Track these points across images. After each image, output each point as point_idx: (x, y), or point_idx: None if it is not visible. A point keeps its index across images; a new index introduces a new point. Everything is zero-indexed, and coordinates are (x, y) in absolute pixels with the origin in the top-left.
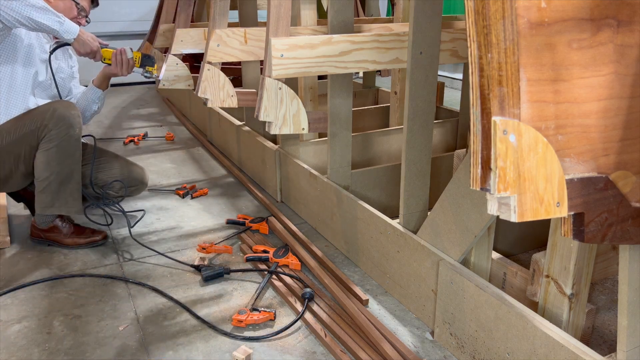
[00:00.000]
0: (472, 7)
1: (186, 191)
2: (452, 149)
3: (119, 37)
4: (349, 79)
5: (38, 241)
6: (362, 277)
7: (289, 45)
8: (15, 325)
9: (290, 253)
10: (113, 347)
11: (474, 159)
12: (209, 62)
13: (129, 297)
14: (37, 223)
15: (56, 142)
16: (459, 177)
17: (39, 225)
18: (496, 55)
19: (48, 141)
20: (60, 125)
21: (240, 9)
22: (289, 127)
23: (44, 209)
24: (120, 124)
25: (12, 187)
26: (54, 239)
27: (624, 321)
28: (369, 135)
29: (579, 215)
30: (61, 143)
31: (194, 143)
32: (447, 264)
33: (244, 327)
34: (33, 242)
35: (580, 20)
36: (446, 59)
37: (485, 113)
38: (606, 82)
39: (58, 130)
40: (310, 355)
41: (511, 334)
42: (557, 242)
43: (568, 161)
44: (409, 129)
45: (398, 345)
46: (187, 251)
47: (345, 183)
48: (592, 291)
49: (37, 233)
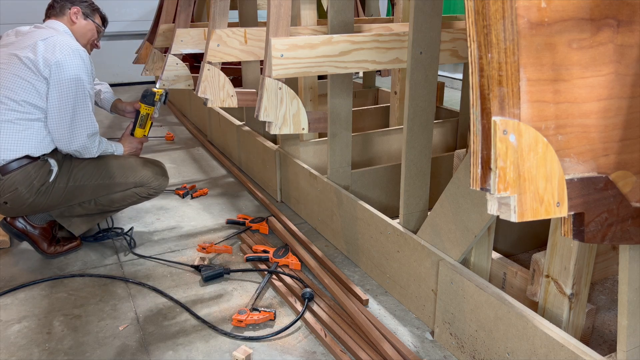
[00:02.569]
0: (472, 7)
1: (186, 191)
2: (452, 149)
3: (119, 37)
4: (349, 79)
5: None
6: (362, 277)
7: (289, 45)
8: (15, 325)
9: (290, 253)
10: (113, 347)
11: (474, 159)
12: (209, 62)
13: (129, 297)
14: (32, 220)
15: (145, 195)
16: (459, 177)
17: (33, 221)
18: (496, 55)
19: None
20: (158, 189)
21: (240, 9)
22: (289, 127)
23: (80, 229)
24: (120, 124)
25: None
26: (35, 239)
27: (624, 321)
28: (369, 135)
29: (579, 215)
30: (144, 198)
31: (194, 143)
32: (447, 264)
33: (244, 327)
34: (5, 229)
35: (580, 20)
36: (446, 59)
37: (485, 113)
38: (606, 82)
39: (155, 191)
40: (310, 355)
41: (511, 334)
42: (557, 242)
43: (568, 161)
44: (409, 129)
45: (398, 345)
46: (187, 251)
47: (345, 183)
48: (592, 291)
49: (21, 228)
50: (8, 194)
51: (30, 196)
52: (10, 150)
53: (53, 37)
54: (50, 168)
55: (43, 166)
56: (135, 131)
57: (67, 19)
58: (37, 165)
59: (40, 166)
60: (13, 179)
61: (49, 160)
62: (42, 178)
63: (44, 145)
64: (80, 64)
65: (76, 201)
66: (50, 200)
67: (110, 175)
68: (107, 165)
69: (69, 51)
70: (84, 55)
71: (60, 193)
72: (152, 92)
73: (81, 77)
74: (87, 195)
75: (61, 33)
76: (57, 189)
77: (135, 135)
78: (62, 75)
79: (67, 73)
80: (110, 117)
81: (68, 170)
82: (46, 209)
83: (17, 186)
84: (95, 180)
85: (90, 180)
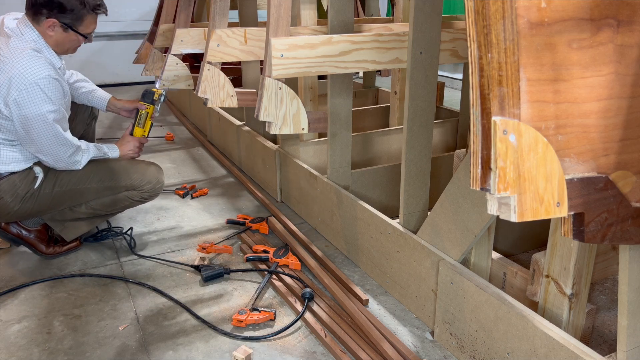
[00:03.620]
0: (472, 7)
1: (186, 191)
2: (452, 149)
3: (119, 37)
4: (349, 79)
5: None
6: (362, 277)
7: (289, 45)
8: (15, 325)
9: (290, 253)
10: (113, 347)
11: (474, 159)
12: (209, 62)
13: (129, 297)
14: (25, 223)
15: (138, 199)
16: (459, 177)
17: (27, 224)
18: (496, 55)
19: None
20: (152, 193)
21: (240, 9)
22: (289, 127)
23: (73, 233)
24: (120, 124)
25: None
26: (31, 242)
27: (624, 321)
28: (369, 135)
29: (579, 215)
30: (136, 203)
31: (194, 143)
32: (447, 264)
33: (244, 327)
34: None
35: (580, 20)
36: (446, 59)
37: (485, 113)
38: (606, 82)
39: (148, 195)
40: (310, 355)
41: (511, 334)
42: (557, 242)
43: (568, 161)
44: (409, 129)
45: (398, 345)
46: (187, 251)
47: (345, 183)
48: (592, 291)
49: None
50: None
51: (16, 204)
52: None
53: (7, 68)
54: (35, 175)
55: (28, 174)
56: (135, 130)
57: (41, 29)
58: (22, 174)
59: (25, 175)
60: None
61: (33, 168)
62: (26, 186)
63: (24, 160)
64: (39, 97)
65: (65, 205)
66: (37, 206)
67: (98, 179)
68: (96, 169)
69: (26, 84)
70: (45, 83)
71: (46, 199)
72: (151, 91)
73: (41, 112)
74: (76, 200)
75: (24, 52)
76: (43, 195)
77: (135, 134)
78: (22, 113)
79: (26, 111)
80: (111, 117)
81: (54, 176)
82: (35, 214)
83: (2, 195)
84: (82, 184)
85: (78, 184)
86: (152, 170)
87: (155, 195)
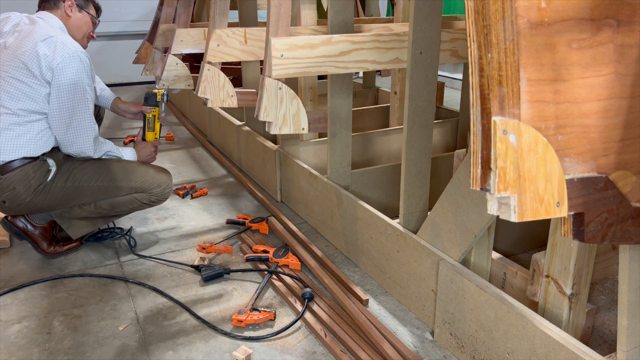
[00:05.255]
0: (472, 7)
1: (186, 191)
2: (452, 149)
3: (119, 37)
4: (349, 79)
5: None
6: (362, 277)
7: (289, 45)
8: (15, 325)
9: (290, 253)
10: (113, 347)
11: (474, 159)
12: (209, 62)
13: (129, 297)
14: (33, 219)
15: (146, 202)
16: (459, 177)
17: (34, 220)
18: (496, 55)
19: (148, 196)
20: (161, 197)
21: (240, 9)
22: (289, 127)
23: (79, 232)
24: (121, 124)
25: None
26: (35, 239)
27: (624, 321)
28: (369, 135)
29: (579, 215)
30: (146, 205)
31: (194, 143)
32: (447, 264)
33: (244, 327)
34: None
35: (580, 20)
36: (446, 59)
37: (485, 113)
38: (606, 82)
39: (157, 198)
40: (310, 355)
41: (511, 334)
42: (557, 242)
43: (568, 161)
44: (409, 129)
45: (398, 345)
46: (187, 251)
47: (345, 183)
48: (592, 291)
49: (22, 227)
50: (6, 193)
51: (28, 195)
52: (6, 154)
53: (52, 38)
54: (48, 168)
55: (42, 166)
56: (146, 135)
57: (61, 12)
58: (35, 165)
59: (39, 166)
60: (12, 178)
61: (47, 160)
62: (39, 178)
63: (41, 144)
64: (81, 67)
65: (75, 202)
66: (48, 200)
67: (110, 179)
68: (108, 168)
69: (69, 54)
70: (84, 57)
71: (58, 193)
72: (153, 94)
73: (81, 81)
74: (86, 197)
75: (57, 30)
76: (55, 189)
77: (147, 139)
78: (62, 80)
79: (68, 77)
80: (111, 117)
81: (68, 171)
82: (45, 209)
83: (15, 185)
84: (94, 182)
85: (90, 182)
86: (163, 175)
87: (163, 200)
